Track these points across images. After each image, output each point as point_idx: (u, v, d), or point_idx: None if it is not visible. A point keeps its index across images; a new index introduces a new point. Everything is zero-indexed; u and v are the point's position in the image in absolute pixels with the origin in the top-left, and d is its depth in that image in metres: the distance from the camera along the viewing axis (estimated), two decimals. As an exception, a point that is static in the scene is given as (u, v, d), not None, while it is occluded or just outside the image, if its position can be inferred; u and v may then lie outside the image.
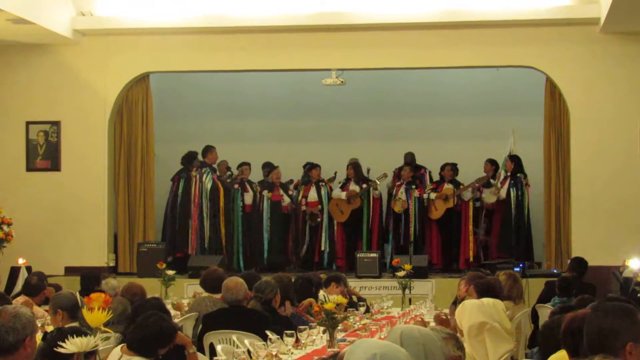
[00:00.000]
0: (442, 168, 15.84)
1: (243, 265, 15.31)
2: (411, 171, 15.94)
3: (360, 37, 14.78)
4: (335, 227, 15.79)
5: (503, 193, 15.27)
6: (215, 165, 15.78)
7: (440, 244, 15.71)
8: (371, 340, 3.40)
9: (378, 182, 15.70)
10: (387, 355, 3.20)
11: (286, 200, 15.83)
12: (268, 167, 16.39)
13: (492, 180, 15.63)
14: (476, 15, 14.38)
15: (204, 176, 15.44)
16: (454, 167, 15.69)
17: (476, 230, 15.50)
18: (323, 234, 15.59)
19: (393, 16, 14.48)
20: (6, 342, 4.54)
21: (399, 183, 15.83)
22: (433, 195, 15.66)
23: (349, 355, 3.27)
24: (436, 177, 16.15)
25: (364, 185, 15.67)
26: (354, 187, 15.73)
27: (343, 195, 15.66)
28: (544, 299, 11.19)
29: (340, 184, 15.94)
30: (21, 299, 9.40)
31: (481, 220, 15.56)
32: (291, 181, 16.25)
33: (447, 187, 15.55)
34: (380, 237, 15.80)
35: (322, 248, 15.55)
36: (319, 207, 15.63)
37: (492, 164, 15.78)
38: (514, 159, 15.45)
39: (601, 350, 3.81)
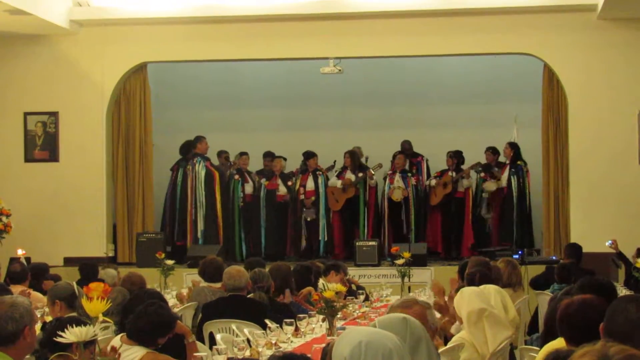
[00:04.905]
0: (446, 156, 15.86)
1: (245, 255, 15.30)
2: (406, 159, 15.95)
3: (358, 25, 14.77)
4: (332, 216, 15.80)
5: (503, 181, 15.31)
6: (207, 155, 15.74)
7: (442, 232, 15.76)
8: (358, 328, 3.41)
9: (373, 172, 15.70)
10: (373, 342, 3.19)
11: (282, 190, 15.79)
12: (270, 157, 16.38)
13: (495, 169, 15.64)
14: (474, 2, 14.37)
15: (197, 165, 15.44)
16: (454, 155, 15.67)
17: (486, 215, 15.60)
18: (320, 223, 15.58)
19: (391, 4, 14.47)
20: (5, 331, 4.54)
21: (390, 172, 15.83)
22: (433, 182, 15.70)
23: (337, 345, 3.27)
24: (437, 166, 16.17)
25: (360, 174, 15.67)
26: (349, 175, 15.74)
27: (339, 183, 15.68)
28: (541, 282, 11.25)
29: (337, 172, 15.96)
30: (20, 287, 9.41)
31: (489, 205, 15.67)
32: (292, 173, 16.21)
33: (449, 174, 15.56)
34: (377, 226, 15.80)
35: (320, 237, 15.57)
36: (313, 198, 15.62)
37: (493, 152, 15.81)
38: (513, 147, 15.47)
39: (626, 340, 3.78)
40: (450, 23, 14.64)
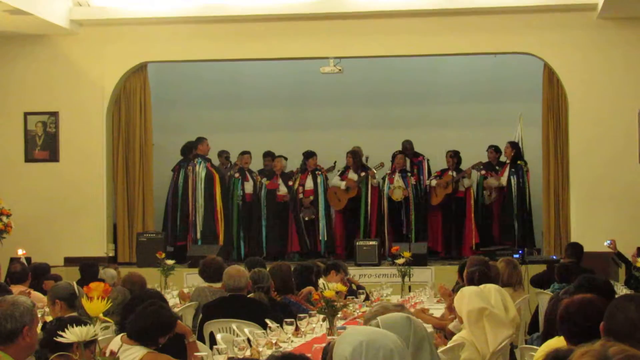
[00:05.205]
0: (445, 156, 15.85)
1: (243, 255, 15.30)
2: (406, 158, 15.96)
3: (358, 25, 14.76)
4: (334, 216, 15.82)
5: (503, 180, 15.32)
6: (208, 156, 15.75)
7: (443, 232, 15.76)
8: (359, 328, 3.40)
9: (375, 171, 15.71)
10: (374, 342, 3.20)
11: (282, 190, 15.79)
12: (270, 156, 16.38)
13: (497, 168, 15.65)
14: (474, 2, 14.37)
15: (197, 166, 15.44)
16: (454, 154, 15.66)
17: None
18: (320, 223, 15.58)
19: (391, 3, 14.47)
20: (4, 329, 4.54)
21: (389, 172, 15.83)
22: (434, 183, 15.69)
23: (337, 345, 3.27)
24: (438, 165, 16.17)
25: (362, 174, 15.68)
26: (352, 175, 15.74)
27: (342, 184, 15.67)
28: (541, 281, 11.25)
29: (339, 172, 15.96)
30: (20, 287, 9.41)
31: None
32: (292, 172, 16.20)
33: (449, 174, 15.56)
34: (379, 225, 15.80)
35: (320, 237, 15.57)
36: (311, 197, 15.61)
37: (495, 150, 15.83)
38: (514, 147, 15.47)
39: (626, 339, 3.78)
40: (450, 23, 14.63)
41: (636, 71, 14.26)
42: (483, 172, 15.63)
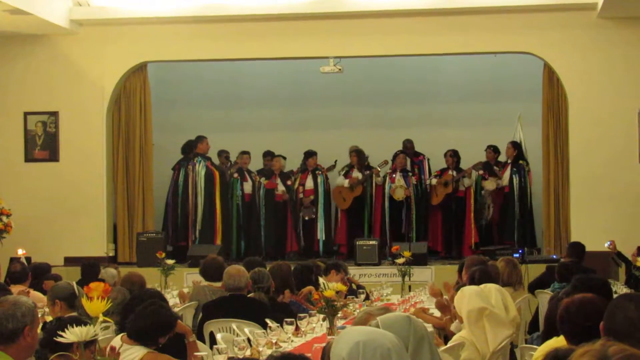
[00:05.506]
0: (445, 155, 15.85)
1: (244, 254, 15.29)
2: (406, 158, 15.96)
3: (358, 25, 14.76)
4: (339, 215, 15.82)
5: (505, 180, 15.32)
6: (208, 155, 15.75)
7: (443, 231, 15.76)
8: (356, 328, 3.39)
9: (379, 169, 15.72)
10: (371, 341, 3.19)
11: (280, 189, 15.78)
12: (269, 156, 16.39)
13: (496, 168, 15.65)
14: (474, 1, 14.37)
15: (197, 165, 15.45)
16: (454, 154, 15.66)
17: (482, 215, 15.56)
18: (319, 223, 15.58)
19: (391, 3, 14.47)
20: (6, 329, 4.53)
21: (390, 171, 15.83)
22: (434, 182, 15.70)
23: (335, 345, 3.27)
24: (438, 164, 16.17)
25: (366, 172, 15.69)
26: (356, 174, 15.75)
27: (346, 182, 15.69)
28: (541, 282, 11.23)
29: (344, 171, 15.96)
30: (20, 287, 9.41)
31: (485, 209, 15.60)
32: (292, 172, 16.20)
33: (449, 173, 15.56)
34: (383, 224, 15.79)
35: (319, 237, 15.57)
36: (311, 197, 15.61)
37: (494, 150, 15.83)
38: (516, 147, 15.48)
39: (625, 338, 3.78)
40: (450, 22, 14.63)
41: (636, 71, 14.27)
42: (481, 172, 15.63)
